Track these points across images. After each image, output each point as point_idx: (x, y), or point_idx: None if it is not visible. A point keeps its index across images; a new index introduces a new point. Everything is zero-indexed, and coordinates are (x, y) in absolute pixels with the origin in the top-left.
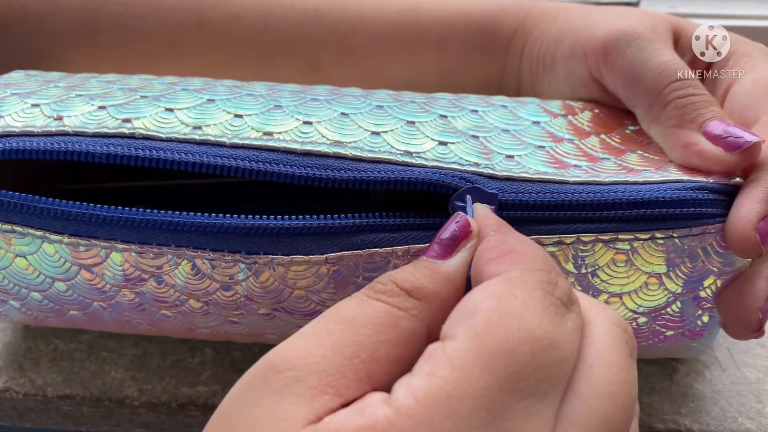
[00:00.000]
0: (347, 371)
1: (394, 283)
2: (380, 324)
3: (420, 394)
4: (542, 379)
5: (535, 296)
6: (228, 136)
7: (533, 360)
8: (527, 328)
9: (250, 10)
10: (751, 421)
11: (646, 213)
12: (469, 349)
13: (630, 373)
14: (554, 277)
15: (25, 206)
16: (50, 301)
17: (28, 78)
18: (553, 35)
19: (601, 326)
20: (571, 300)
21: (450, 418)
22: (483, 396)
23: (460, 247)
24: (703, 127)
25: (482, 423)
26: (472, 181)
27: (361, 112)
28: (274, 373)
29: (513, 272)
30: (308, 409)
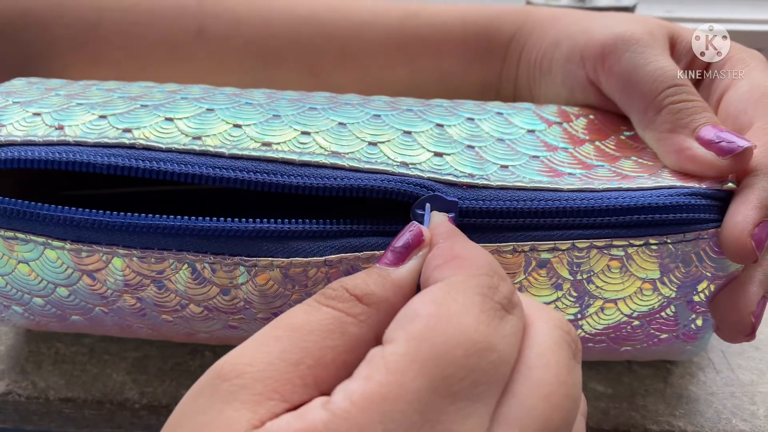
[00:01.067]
0: (293, 377)
1: (345, 289)
2: (328, 330)
3: (356, 398)
4: (477, 382)
5: (474, 300)
6: (227, 147)
7: (468, 363)
8: (464, 331)
9: (251, 17)
10: (744, 422)
11: (639, 219)
12: (406, 353)
13: (570, 374)
14: (496, 282)
15: (28, 213)
16: (52, 307)
17: (30, 86)
18: (550, 40)
19: (542, 329)
20: (513, 303)
21: (382, 421)
22: (416, 399)
23: (411, 255)
24: (696, 132)
25: (414, 425)
26: (432, 189)
27: (359, 122)
28: (222, 381)
29: (455, 277)
30: (252, 415)
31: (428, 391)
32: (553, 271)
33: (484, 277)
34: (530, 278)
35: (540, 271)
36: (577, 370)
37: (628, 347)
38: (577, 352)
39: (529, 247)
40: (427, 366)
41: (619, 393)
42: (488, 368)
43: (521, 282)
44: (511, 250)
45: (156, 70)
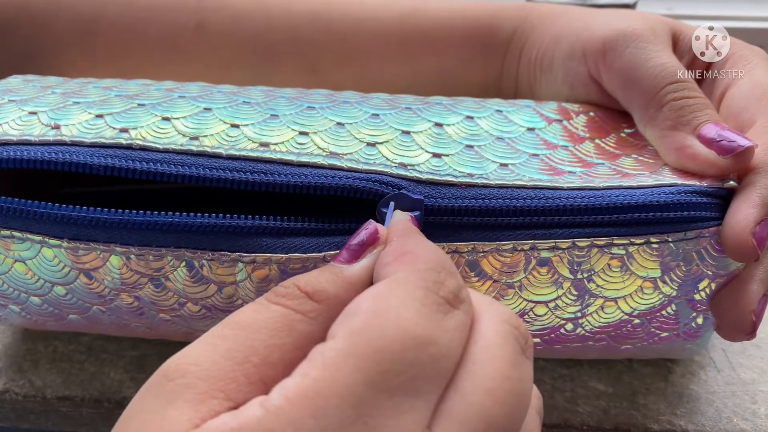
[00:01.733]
0: (238, 376)
1: (297, 286)
2: (275, 328)
3: (290, 394)
4: (415, 377)
5: (416, 295)
6: (224, 147)
7: (406, 357)
8: (403, 326)
9: (250, 12)
10: (746, 422)
11: (640, 217)
12: (342, 348)
13: (516, 369)
14: (443, 277)
15: (24, 211)
16: (50, 305)
17: (26, 84)
18: (552, 37)
19: (489, 324)
20: (459, 299)
21: (314, 416)
22: (350, 394)
23: (366, 252)
24: (698, 130)
25: (347, 421)
26: (399, 187)
27: (357, 121)
28: (167, 381)
29: (400, 273)
30: (194, 414)
31: (363, 386)
32: (553, 269)
33: (429, 272)
34: (530, 277)
35: (540, 269)
36: (525, 366)
37: (628, 345)
38: (526, 348)
39: (530, 245)
40: (363, 361)
41: (620, 392)
42: (428, 363)
43: (521, 280)
44: (511, 248)
45: (155, 66)
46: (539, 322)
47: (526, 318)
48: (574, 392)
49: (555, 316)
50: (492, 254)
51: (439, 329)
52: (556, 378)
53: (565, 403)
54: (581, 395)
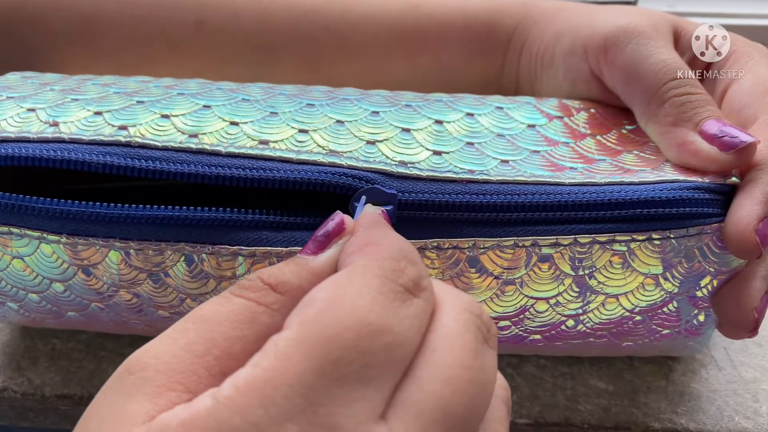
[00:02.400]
0: (198, 368)
1: (260, 278)
2: (237, 320)
3: (240, 384)
4: (368, 365)
5: (373, 283)
6: (224, 145)
7: (359, 345)
8: (356, 313)
9: (250, 9)
10: (747, 420)
11: (642, 213)
12: (294, 337)
13: (476, 358)
14: (403, 265)
15: (23, 207)
16: (48, 303)
17: (24, 80)
18: (553, 33)
19: (450, 312)
20: (420, 287)
21: (263, 406)
22: (299, 383)
23: (331, 243)
24: (699, 126)
25: (296, 410)
26: (372, 181)
27: (357, 119)
28: (128, 374)
29: (359, 262)
30: (152, 407)
31: (314, 374)
32: (554, 266)
33: (389, 260)
34: (531, 273)
35: (541, 266)
36: (487, 355)
37: (629, 342)
38: (489, 337)
39: (531, 242)
40: (314, 349)
41: (621, 390)
42: (382, 351)
43: (522, 277)
44: (512, 245)
45: (154, 64)
46: (540, 318)
47: (527, 314)
48: (575, 390)
49: (556, 312)
50: (493, 250)
51: (395, 317)
52: (556, 376)
53: (566, 402)
54: (582, 393)
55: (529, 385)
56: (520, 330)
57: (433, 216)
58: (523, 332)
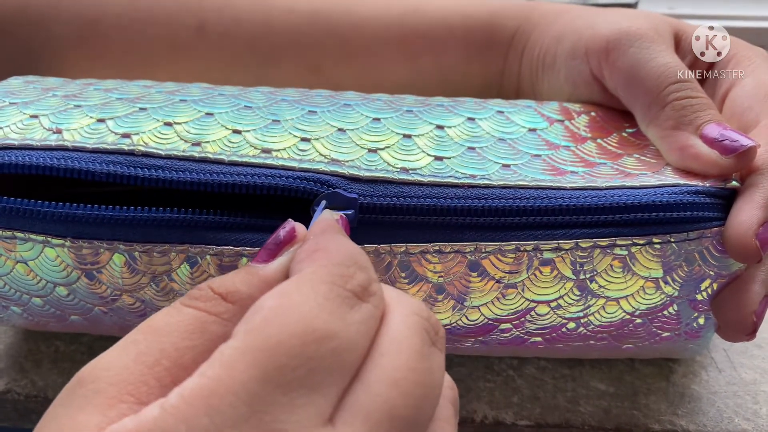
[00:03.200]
0: (149, 379)
1: (210, 288)
2: (187, 331)
3: (186, 393)
4: (314, 370)
5: (320, 290)
6: (226, 154)
7: (305, 352)
8: (302, 320)
9: (251, 13)
10: (747, 422)
11: (643, 217)
12: (239, 346)
13: (424, 360)
14: (351, 271)
15: (27, 211)
16: (51, 307)
17: (26, 85)
18: (554, 35)
19: (398, 316)
20: (368, 292)
21: (208, 415)
22: (244, 391)
23: (282, 251)
24: (700, 129)
25: (241, 418)
26: (333, 185)
27: (359, 127)
28: (79, 387)
29: (307, 269)
30: (102, 419)
31: (259, 382)
32: (556, 270)
33: (337, 266)
34: (532, 277)
35: (543, 269)
36: (434, 357)
37: (629, 345)
38: (437, 339)
39: (532, 246)
40: (259, 357)
41: (621, 392)
42: (328, 356)
43: (523, 281)
44: (514, 249)
45: (156, 67)
46: (541, 321)
47: (528, 317)
48: (576, 392)
49: (557, 315)
50: (495, 254)
51: (342, 322)
52: (557, 378)
53: (567, 403)
54: (583, 395)
55: (530, 386)
56: (521, 332)
57: (435, 220)
58: (524, 334)
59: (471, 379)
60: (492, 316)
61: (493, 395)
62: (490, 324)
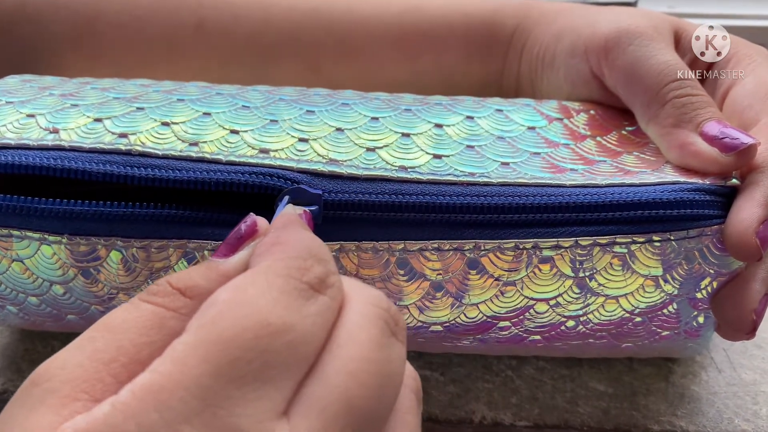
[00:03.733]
0: (104, 376)
1: (169, 283)
2: (144, 327)
3: (136, 389)
4: (268, 364)
5: (275, 283)
6: (224, 154)
7: (258, 345)
8: (256, 314)
9: (250, 11)
10: (747, 422)
11: (643, 214)
12: (191, 340)
13: (382, 351)
14: (309, 264)
15: (24, 208)
16: (48, 306)
17: (23, 84)
18: (553, 34)
19: (356, 307)
20: (326, 284)
21: (158, 410)
22: (196, 385)
23: (243, 246)
24: (700, 127)
25: (192, 412)
26: (297, 181)
27: (357, 126)
28: (33, 386)
29: (263, 262)
30: (55, 418)
31: (211, 376)
32: (555, 267)
33: (294, 259)
34: (531, 275)
35: (542, 267)
36: (394, 347)
37: (629, 344)
38: (397, 330)
39: (532, 244)
40: (211, 352)
41: (620, 392)
42: (283, 349)
43: (522, 279)
44: (513, 246)
45: (154, 65)
46: (540, 319)
47: (527, 315)
48: (575, 393)
49: (556, 313)
50: (494, 252)
51: (297, 315)
52: (556, 378)
53: (565, 404)
54: (581, 396)
55: (529, 387)
56: (520, 330)
57: (434, 218)
58: (522, 333)
59: (469, 380)
60: (491, 314)
61: (492, 396)
62: (489, 322)
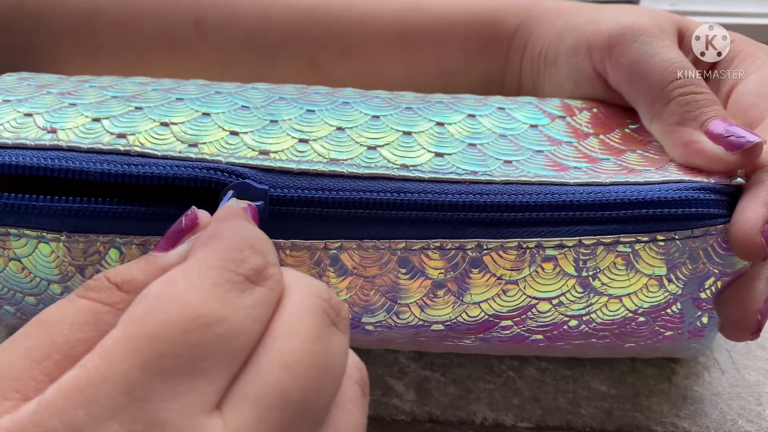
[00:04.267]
0: (36, 374)
1: (106, 278)
2: (79, 322)
3: (63, 386)
4: (198, 357)
5: (208, 275)
6: (224, 155)
7: (188, 339)
8: (186, 306)
9: (249, 8)
10: (750, 424)
11: (647, 213)
12: (119, 335)
13: (320, 342)
14: (245, 255)
15: (23, 206)
16: (45, 305)
17: (21, 82)
18: (556, 32)
19: (295, 298)
20: (263, 276)
21: (83, 406)
22: (122, 380)
23: (184, 239)
24: (705, 125)
25: (119, 408)
26: (244, 176)
27: (358, 125)
28: None
29: (197, 255)
30: None
31: (138, 371)
32: (558, 266)
33: (229, 251)
34: (534, 274)
35: (545, 266)
36: (334, 338)
37: (632, 344)
38: (338, 321)
39: (535, 243)
40: (139, 346)
41: (623, 393)
42: (214, 342)
43: (525, 278)
44: (516, 246)
45: (153, 63)
46: (542, 318)
47: (530, 314)
48: (577, 393)
49: (558, 313)
50: (496, 251)
51: (229, 307)
52: (558, 379)
53: (568, 405)
54: (584, 396)
55: (530, 388)
56: (522, 330)
57: (436, 216)
58: (525, 332)
59: (470, 380)
60: (493, 313)
61: (493, 397)
62: (491, 321)
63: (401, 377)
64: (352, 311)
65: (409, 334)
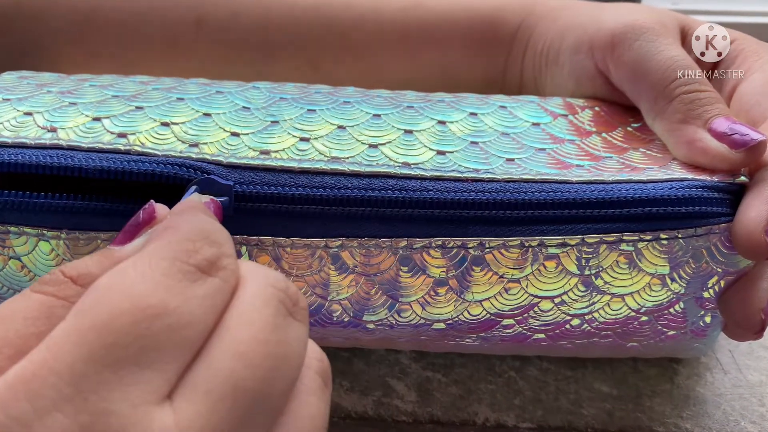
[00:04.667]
0: None
1: (62, 272)
2: (32, 317)
3: (9, 379)
4: (147, 348)
5: (159, 266)
6: (224, 156)
7: (136, 329)
8: (134, 297)
9: (250, 7)
10: (753, 425)
11: (651, 212)
12: (67, 327)
13: (276, 332)
14: (198, 246)
15: (23, 204)
16: None
17: (20, 81)
18: (557, 30)
19: (250, 289)
20: (217, 266)
21: (28, 399)
22: (68, 372)
23: (141, 233)
24: (709, 123)
25: (64, 399)
26: (209, 172)
27: (359, 123)
28: None
29: (151, 246)
30: None
31: (84, 362)
32: (560, 265)
33: (182, 242)
34: (536, 272)
35: (547, 264)
36: (291, 328)
37: (634, 343)
38: (296, 311)
39: (538, 242)
40: (87, 337)
41: (625, 394)
42: (163, 333)
43: (527, 276)
44: (519, 244)
45: (153, 61)
46: (544, 317)
47: (531, 313)
48: (579, 394)
49: (560, 311)
50: (499, 250)
51: (179, 297)
52: (560, 380)
53: (569, 405)
54: (586, 397)
55: (532, 388)
56: (524, 328)
57: (438, 214)
58: (527, 331)
59: (472, 381)
60: (494, 311)
61: (495, 397)
62: (493, 319)
63: (402, 378)
64: (353, 309)
65: (410, 333)
